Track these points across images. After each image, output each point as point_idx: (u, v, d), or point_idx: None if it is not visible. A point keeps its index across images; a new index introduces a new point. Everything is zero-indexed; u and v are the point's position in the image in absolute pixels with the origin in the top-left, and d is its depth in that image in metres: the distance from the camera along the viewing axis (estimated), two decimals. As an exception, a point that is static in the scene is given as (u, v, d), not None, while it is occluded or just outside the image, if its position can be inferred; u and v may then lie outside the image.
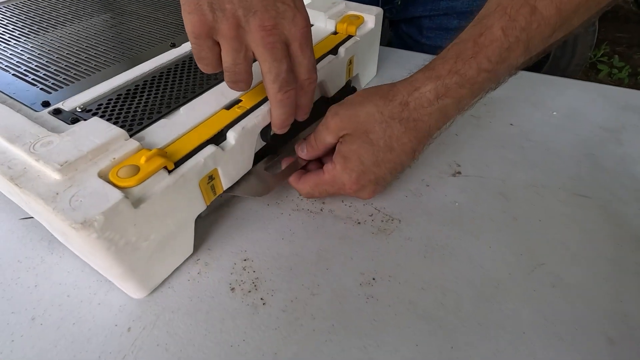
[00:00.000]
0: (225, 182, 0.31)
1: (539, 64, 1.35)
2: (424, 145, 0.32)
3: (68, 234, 0.23)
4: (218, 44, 0.27)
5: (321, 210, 0.34)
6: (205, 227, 0.33)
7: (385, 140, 0.31)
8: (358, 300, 0.28)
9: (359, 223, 0.33)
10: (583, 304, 0.28)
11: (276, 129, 0.32)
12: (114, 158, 0.25)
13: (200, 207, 0.29)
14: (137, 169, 0.24)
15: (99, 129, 0.27)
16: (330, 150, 0.34)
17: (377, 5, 0.62)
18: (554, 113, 0.45)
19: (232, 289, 0.29)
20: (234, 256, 0.31)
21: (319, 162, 0.36)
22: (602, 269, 0.30)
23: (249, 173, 0.33)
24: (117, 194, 0.23)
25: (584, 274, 0.29)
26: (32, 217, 0.34)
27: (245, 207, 0.35)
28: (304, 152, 0.35)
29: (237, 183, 0.32)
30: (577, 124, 0.44)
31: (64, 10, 0.49)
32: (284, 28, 0.27)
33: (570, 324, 0.27)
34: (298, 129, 0.39)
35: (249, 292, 0.28)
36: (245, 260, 0.30)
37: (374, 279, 0.29)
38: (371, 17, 0.45)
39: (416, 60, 0.54)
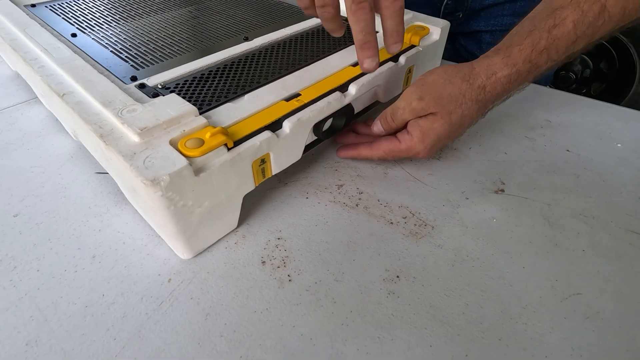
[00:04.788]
0: (274, 168, 0.33)
1: (619, 96, 1.24)
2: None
3: (137, 189, 0.27)
4: None
5: (356, 205, 0.36)
6: (249, 205, 0.35)
7: (461, 119, 0.35)
8: (379, 294, 0.29)
9: (391, 223, 0.34)
10: (618, 341, 0.26)
11: (363, 62, 0.32)
12: (184, 130, 0.29)
13: (249, 186, 0.32)
14: (201, 142, 0.27)
15: (174, 103, 0.30)
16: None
17: (437, 17, 0.63)
18: (619, 145, 0.42)
19: (263, 262, 0.31)
20: (269, 234, 0.33)
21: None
22: (648, 312, 0.28)
23: None
24: (183, 161, 0.26)
25: (626, 313, 0.28)
26: (107, 173, 0.39)
27: (286, 193, 0.37)
28: (379, 129, 0.38)
29: None
30: (644, 160, 0.41)
31: (157, 0, 0.55)
32: None
33: (600, 358, 0.25)
34: (346, 125, 0.40)
35: (278, 267, 0.30)
36: (279, 239, 0.33)
37: (397, 277, 0.30)
38: (437, 30, 0.46)
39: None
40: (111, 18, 0.50)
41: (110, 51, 0.42)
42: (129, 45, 0.43)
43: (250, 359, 0.25)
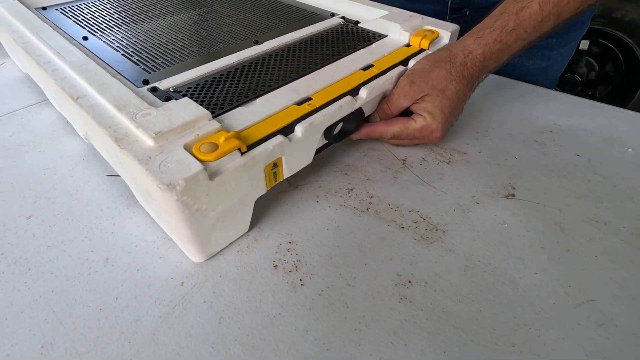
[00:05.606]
0: (286, 171, 0.33)
1: (625, 99, 1.24)
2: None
3: (152, 193, 0.27)
4: None
5: (367, 209, 0.36)
6: (260, 208, 0.35)
7: (456, 94, 0.39)
8: (391, 299, 0.29)
9: (402, 227, 0.34)
10: (633, 348, 0.26)
11: None
12: (198, 134, 0.29)
13: (261, 190, 0.32)
14: (215, 147, 0.28)
15: (188, 108, 0.31)
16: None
17: (444, 16, 0.63)
18: (629, 150, 0.42)
19: (275, 266, 0.31)
20: (280, 238, 0.33)
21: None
22: (662, 319, 0.28)
23: None
24: (197, 165, 0.26)
25: None
26: (118, 176, 0.39)
27: (297, 197, 0.37)
28: (377, 118, 0.42)
29: None
30: (655, 165, 0.40)
31: (166, 3, 0.55)
32: None
33: (615, 366, 0.25)
34: (356, 129, 0.41)
35: (290, 271, 0.30)
36: (290, 242, 0.33)
37: (409, 282, 0.30)
38: (446, 33, 0.46)
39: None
40: (121, 21, 0.50)
41: (122, 54, 0.42)
42: (140, 49, 0.43)
43: (264, 364, 0.25)
